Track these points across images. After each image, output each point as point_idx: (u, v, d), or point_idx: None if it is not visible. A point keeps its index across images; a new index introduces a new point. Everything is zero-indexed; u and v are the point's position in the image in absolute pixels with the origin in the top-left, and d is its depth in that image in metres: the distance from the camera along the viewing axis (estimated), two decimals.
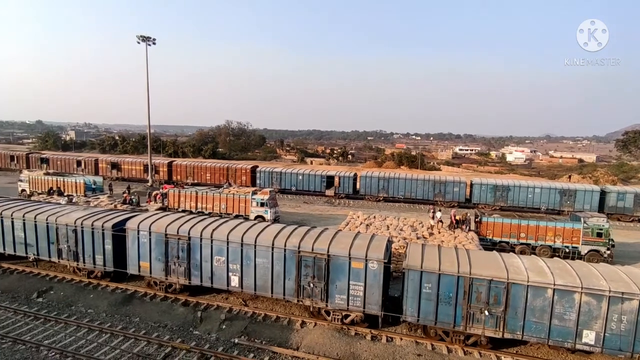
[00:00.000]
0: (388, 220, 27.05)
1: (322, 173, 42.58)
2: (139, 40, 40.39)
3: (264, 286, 14.72)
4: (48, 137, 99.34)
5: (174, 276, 15.94)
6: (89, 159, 51.64)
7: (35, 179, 36.12)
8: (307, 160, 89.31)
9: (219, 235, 15.19)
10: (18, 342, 12.83)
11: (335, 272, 13.75)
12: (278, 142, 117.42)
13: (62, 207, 20.56)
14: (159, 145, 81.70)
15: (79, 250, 17.35)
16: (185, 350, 12.66)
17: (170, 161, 49.86)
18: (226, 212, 28.42)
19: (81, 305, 15.81)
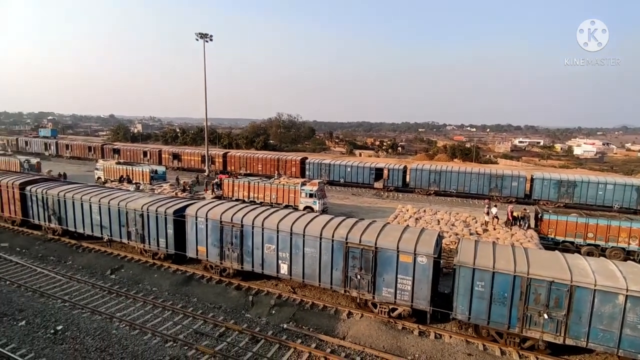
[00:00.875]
0: (439, 215, 26.22)
1: (370, 165, 42.20)
2: (197, 37, 42.49)
3: (312, 275, 15.07)
4: (119, 130, 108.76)
5: (228, 261, 16.86)
6: (153, 150, 55.82)
7: (108, 167, 39.89)
8: (355, 152, 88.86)
9: (270, 224, 15.76)
10: (95, 312, 14.42)
11: (383, 265, 13.68)
12: (327, 134, 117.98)
13: (130, 193, 22.55)
14: (215, 137, 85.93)
15: (145, 233, 18.95)
16: (237, 331, 13.41)
17: (225, 152, 52.29)
18: (276, 202, 29.30)
19: (147, 283, 17.32)
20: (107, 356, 11.85)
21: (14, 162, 41.51)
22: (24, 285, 16.48)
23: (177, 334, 13.14)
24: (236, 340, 12.91)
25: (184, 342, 12.61)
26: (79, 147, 63.55)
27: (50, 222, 22.36)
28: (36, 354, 11.88)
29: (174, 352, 12.05)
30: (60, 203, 21.59)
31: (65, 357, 11.80)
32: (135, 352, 12.03)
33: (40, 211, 22.70)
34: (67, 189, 22.25)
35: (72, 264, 19.39)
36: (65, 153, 63.75)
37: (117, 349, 12.17)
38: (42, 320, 13.78)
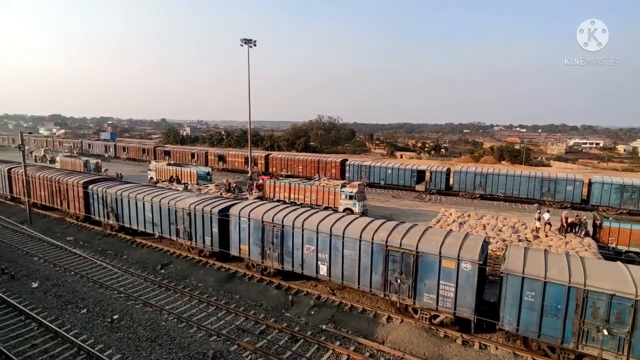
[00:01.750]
0: (485, 220, 25.09)
1: (412, 167, 41.30)
2: (242, 43, 44.01)
3: (351, 277, 15.03)
4: (170, 133, 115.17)
5: (269, 260, 17.27)
6: (200, 152, 58.53)
7: (159, 168, 42.41)
8: (396, 154, 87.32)
9: (309, 225, 15.94)
10: (147, 304, 15.38)
11: (424, 270, 13.33)
12: (367, 136, 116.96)
13: (179, 193, 23.82)
14: (257, 140, 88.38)
15: (192, 231, 19.92)
16: (277, 329, 13.69)
17: (267, 154, 53.61)
18: (316, 203, 29.56)
19: (193, 279, 18.19)
20: (156, 346, 12.60)
21: (79, 163, 45.37)
22: (86, 276, 17.95)
23: (221, 329, 13.66)
24: (276, 339, 13.19)
25: (226, 337, 13.09)
26: (134, 149, 68.15)
27: (109, 218, 24.20)
28: (95, 340, 12.90)
29: (218, 346, 12.55)
30: (118, 201, 23.30)
31: (120, 344, 12.71)
32: (182, 344, 12.67)
33: (100, 208, 24.64)
34: (123, 188, 23.97)
35: (127, 258, 20.83)
36: (122, 155, 68.65)
37: (166, 340, 12.90)
38: (100, 309, 14.94)
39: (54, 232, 25.01)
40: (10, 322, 13.91)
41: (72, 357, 11.99)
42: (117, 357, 11.93)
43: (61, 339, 12.83)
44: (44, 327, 13.50)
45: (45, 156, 58.92)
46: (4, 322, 13.93)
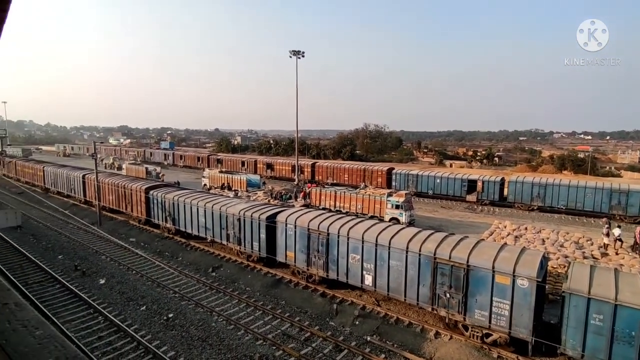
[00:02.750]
0: (544, 234, 23.37)
1: (462, 176, 39.61)
2: (291, 54, 45.34)
3: (397, 289, 14.70)
4: (222, 142, 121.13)
5: (314, 268, 17.42)
6: (250, 160, 60.83)
7: (212, 175, 44.67)
8: (445, 162, 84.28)
9: (355, 234, 15.89)
10: (199, 305, 16.18)
11: (476, 285, 12.69)
12: (415, 144, 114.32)
13: (230, 199, 24.90)
14: (304, 148, 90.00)
15: (241, 237, 20.69)
16: (322, 338, 13.73)
17: (314, 162, 54.36)
18: (362, 212, 29.36)
19: (242, 283, 18.84)
20: (207, 346, 13.19)
21: (142, 170, 49.17)
22: (145, 275, 19.31)
23: (267, 333, 13.99)
24: (320, 347, 13.23)
25: (272, 342, 13.37)
26: (190, 157, 72.48)
27: (167, 222, 25.89)
28: (152, 336, 13.80)
29: (264, 350, 12.85)
30: (174, 206, 24.89)
31: (174, 342, 13.48)
32: (230, 345, 13.15)
33: (159, 212, 26.47)
34: (179, 194, 25.57)
35: (181, 260, 22.10)
36: (179, 162, 73.29)
37: (215, 341, 13.47)
38: (158, 307, 15.97)
39: (119, 233, 27.23)
40: (80, 315, 15.33)
41: (132, 350, 12.92)
42: (171, 354, 12.65)
43: (123, 333, 13.89)
44: (109, 321, 14.70)
45: (113, 164, 64.58)
46: (76, 314, 15.39)
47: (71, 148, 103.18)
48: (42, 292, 17.43)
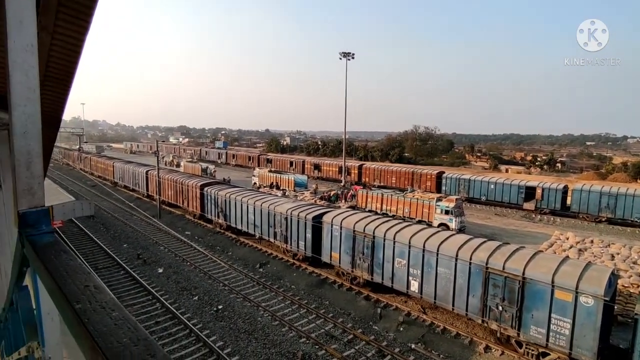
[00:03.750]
0: (613, 248, 21.31)
1: (519, 183, 37.18)
2: (341, 56, 45.57)
3: (444, 297, 14.23)
4: (272, 142, 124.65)
5: (359, 270, 17.38)
6: (298, 160, 61.96)
7: (262, 174, 46.17)
8: (501, 167, 79.59)
9: (401, 238, 15.62)
10: (246, 299, 16.85)
11: (532, 299, 11.92)
12: (468, 147, 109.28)
13: (278, 198, 25.61)
14: (351, 150, 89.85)
15: (288, 235, 21.19)
16: (365, 341, 13.68)
17: (361, 164, 54.10)
18: (409, 215, 28.72)
19: (287, 280, 19.30)
20: (253, 339, 13.70)
21: (198, 168, 52.11)
22: (198, 267, 20.48)
23: (310, 332, 14.21)
24: (363, 350, 13.18)
25: (315, 341, 13.57)
26: (242, 156, 75.47)
27: (219, 218, 27.23)
28: (203, 325, 14.61)
29: (307, 349, 13.08)
30: (226, 202, 26.11)
31: (222, 332, 14.17)
32: (274, 341, 13.55)
33: (212, 208, 27.91)
34: (231, 191, 26.77)
35: (231, 255, 23.12)
36: (231, 161, 76.59)
37: (261, 335, 13.95)
38: (209, 298, 16.87)
39: (176, 226, 29.11)
40: (141, 300, 16.65)
41: (184, 337, 13.79)
42: (220, 344, 13.31)
43: (177, 320, 14.86)
44: (165, 308, 15.81)
45: (173, 161, 69.10)
46: (137, 299, 16.74)
47: (137, 146, 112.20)
48: (110, 277, 19.17)
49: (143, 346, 0.78)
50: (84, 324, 0.84)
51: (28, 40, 1.41)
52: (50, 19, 2.27)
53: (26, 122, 1.42)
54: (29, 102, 1.42)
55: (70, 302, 0.91)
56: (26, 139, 1.42)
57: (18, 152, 1.40)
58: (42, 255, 1.18)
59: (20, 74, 1.39)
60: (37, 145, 1.45)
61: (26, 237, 1.32)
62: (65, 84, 2.91)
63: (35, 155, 1.43)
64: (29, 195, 1.42)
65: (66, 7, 2.37)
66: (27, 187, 1.42)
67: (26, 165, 1.42)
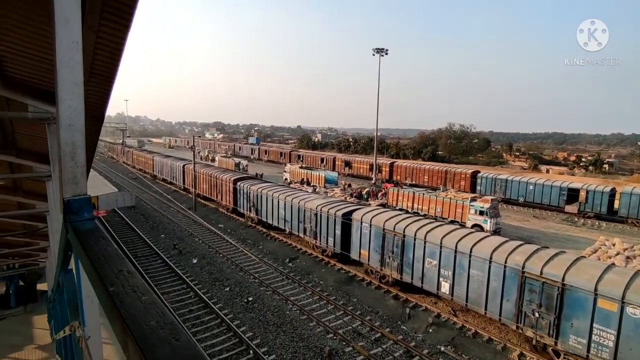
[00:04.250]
0: None
1: (561, 184, 35.16)
2: (374, 52, 45.00)
3: (476, 300, 13.78)
4: (303, 139, 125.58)
5: (388, 269, 17.19)
6: (329, 157, 62.07)
7: (293, 170, 46.67)
8: (541, 168, 75.70)
9: (432, 238, 15.26)
10: (275, 293, 17.15)
11: (572, 307, 11.29)
12: (506, 146, 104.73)
13: (308, 194, 25.79)
14: (383, 147, 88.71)
15: (317, 231, 21.31)
16: (393, 340, 13.54)
17: (392, 162, 53.34)
18: (441, 215, 28.00)
19: (316, 276, 19.44)
20: (281, 332, 13.94)
21: (231, 163, 53.52)
22: (230, 259, 21.08)
23: (337, 328, 14.25)
24: (390, 349, 13.06)
25: (342, 338, 13.59)
26: (274, 152, 76.65)
27: (250, 212, 27.84)
28: (234, 315, 15.04)
29: (334, 344, 13.14)
30: (258, 197, 26.63)
31: (252, 323, 14.52)
32: (302, 334, 13.72)
33: (244, 202, 28.58)
34: (263, 186, 27.27)
35: (262, 249, 23.60)
36: (264, 157, 78.01)
37: (289, 328, 14.16)
38: (239, 290, 17.34)
39: (210, 219, 30.09)
40: (176, 289, 17.39)
41: (216, 326, 14.27)
42: (249, 334, 13.66)
43: (209, 310, 15.39)
44: (198, 297, 16.41)
45: (208, 156, 71.39)
46: (173, 287, 17.50)
47: (174, 141, 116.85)
48: (148, 265, 20.16)
49: (169, 330, 0.81)
50: (117, 306, 0.89)
51: (74, 37, 1.51)
52: (96, 19, 2.42)
53: (71, 115, 1.52)
54: (74, 97, 1.53)
55: (105, 285, 0.97)
56: (71, 131, 1.53)
57: (64, 143, 1.51)
58: (82, 240, 1.26)
59: (66, 70, 1.50)
60: (81, 137, 1.55)
61: (70, 223, 1.42)
62: (109, 80, 3.10)
63: (79, 146, 1.54)
64: (73, 184, 1.52)
65: (110, 7, 2.51)
66: (71, 176, 1.52)
67: (71, 155, 1.52)
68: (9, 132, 4.26)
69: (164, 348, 0.76)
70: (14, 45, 2.87)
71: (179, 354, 0.74)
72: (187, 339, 0.80)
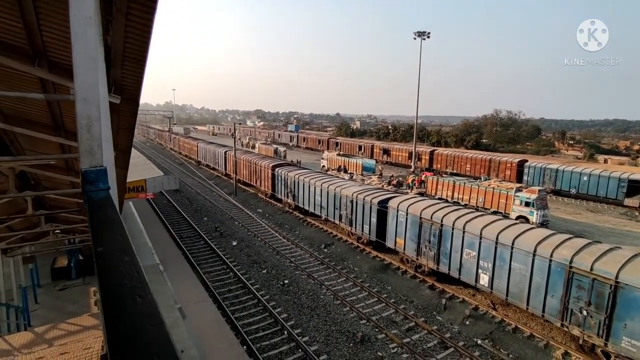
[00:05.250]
0: None
1: (621, 175, 32.21)
2: (415, 36, 43.32)
3: (518, 295, 13.16)
4: (342, 126, 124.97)
5: (424, 258, 16.84)
6: (367, 145, 61.31)
7: (330, 158, 46.68)
8: (598, 157, 69.76)
9: (472, 228, 14.69)
10: (310, 277, 17.44)
11: (626, 308, 10.45)
12: (558, 134, 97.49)
13: (345, 181, 25.72)
14: (423, 135, 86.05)
15: (353, 218, 21.27)
16: (427, 331, 13.33)
17: (432, 150, 51.65)
18: (483, 206, 26.83)
19: (350, 262, 19.49)
20: (315, 315, 14.20)
21: (271, 149, 54.56)
22: (268, 243, 21.67)
23: (371, 315, 14.27)
24: (424, 339, 12.89)
25: (375, 324, 13.60)
26: (312, 139, 77.02)
27: (288, 198, 28.32)
28: (270, 297, 15.52)
29: (366, 331, 13.19)
30: (295, 183, 26.99)
31: (287, 305, 14.91)
32: (335, 319, 13.89)
33: (282, 188, 29.10)
34: (300, 172, 27.56)
35: (298, 234, 24.00)
36: (302, 144, 78.68)
37: (322, 312, 14.38)
38: (276, 273, 17.82)
39: (249, 204, 31.03)
40: (217, 269, 18.22)
41: (253, 306, 14.82)
42: (284, 315, 14.05)
43: (247, 290, 16.00)
44: (237, 278, 17.09)
45: (249, 143, 73.26)
46: (214, 267, 18.36)
47: (218, 128, 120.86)
48: (191, 245, 21.25)
49: (138, 289, 0.84)
50: (99, 264, 0.93)
51: (87, 12, 1.57)
52: (124, 2, 2.52)
53: (87, 89, 1.60)
54: (89, 71, 1.59)
55: (96, 245, 1.02)
56: (86, 104, 1.60)
57: (80, 116, 1.59)
58: (92, 208, 1.33)
59: (80, 44, 1.56)
60: (96, 110, 1.63)
61: (86, 193, 1.50)
62: (140, 62, 3.23)
63: (94, 119, 1.61)
64: (90, 155, 1.60)
65: None
66: (87, 148, 1.61)
67: (87, 128, 1.60)
68: (58, 115, 4.62)
69: (126, 302, 0.78)
70: (55, 32, 3.06)
71: (137, 310, 0.76)
72: (151, 299, 0.82)
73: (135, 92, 3.71)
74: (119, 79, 3.41)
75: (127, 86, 3.62)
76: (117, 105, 3.69)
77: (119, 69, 3.26)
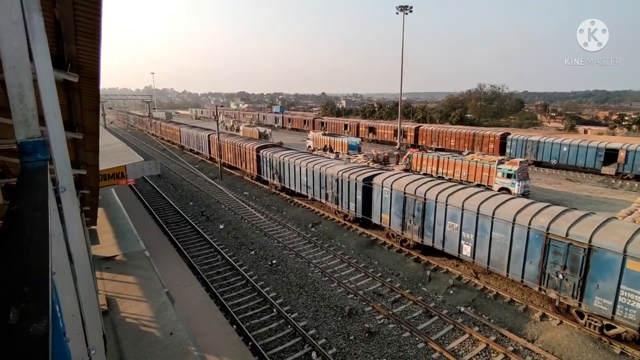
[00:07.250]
0: None
1: (598, 144, 33.06)
2: (397, 10, 42.63)
3: (498, 263, 13.62)
4: (327, 106, 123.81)
5: (409, 232, 17.18)
6: (352, 123, 61.11)
7: (316, 138, 46.45)
8: (579, 128, 71.25)
9: (454, 200, 14.98)
10: (298, 256, 17.64)
11: (598, 269, 10.94)
12: (540, 107, 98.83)
13: (330, 160, 25.73)
14: (409, 112, 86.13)
15: (339, 197, 21.42)
16: (412, 301, 13.75)
17: (417, 126, 51.85)
18: (467, 179, 27.32)
19: (337, 240, 19.76)
20: (303, 292, 14.46)
21: (255, 131, 53.90)
22: (255, 225, 21.73)
23: (358, 289, 14.60)
24: (410, 310, 13.31)
25: (362, 298, 13.95)
26: (297, 120, 76.28)
27: (274, 179, 28.26)
28: (258, 277, 15.69)
29: (354, 304, 13.52)
30: (280, 165, 26.89)
31: (276, 285, 15.12)
32: (323, 295, 14.17)
33: (267, 170, 28.98)
34: (285, 153, 27.42)
35: (285, 214, 24.10)
36: (287, 125, 77.94)
37: (311, 289, 14.65)
38: (264, 253, 17.96)
39: (235, 187, 30.87)
40: (205, 252, 18.24)
41: (242, 287, 14.97)
42: (273, 294, 14.27)
43: (235, 272, 16.12)
44: (225, 260, 17.18)
45: (233, 126, 72.10)
46: (202, 251, 18.37)
47: (201, 112, 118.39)
48: (178, 230, 21.15)
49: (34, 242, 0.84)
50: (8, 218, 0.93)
51: None
52: None
53: (14, 56, 1.53)
54: (14, 36, 1.52)
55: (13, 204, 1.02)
56: (16, 72, 1.54)
57: (10, 86, 1.52)
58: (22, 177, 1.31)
59: (2, 7, 1.48)
60: (28, 79, 1.56)
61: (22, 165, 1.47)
62: (94, 37, 3.09)
63: (26, 88, 1.55)
64: (25, 126, 1.55)
65: None
66: (22, 118, 1.55)
67: (19, 98, 1.54)
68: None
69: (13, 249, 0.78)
70: None
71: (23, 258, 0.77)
72: (41, 255, 0.83)
73: (94, 70, 3.57)
74: (74, 55, 3.27)
75: (85, 63, 3.47)
76: (77, 84, 3.56)
77: (73, 45, 3.12)
